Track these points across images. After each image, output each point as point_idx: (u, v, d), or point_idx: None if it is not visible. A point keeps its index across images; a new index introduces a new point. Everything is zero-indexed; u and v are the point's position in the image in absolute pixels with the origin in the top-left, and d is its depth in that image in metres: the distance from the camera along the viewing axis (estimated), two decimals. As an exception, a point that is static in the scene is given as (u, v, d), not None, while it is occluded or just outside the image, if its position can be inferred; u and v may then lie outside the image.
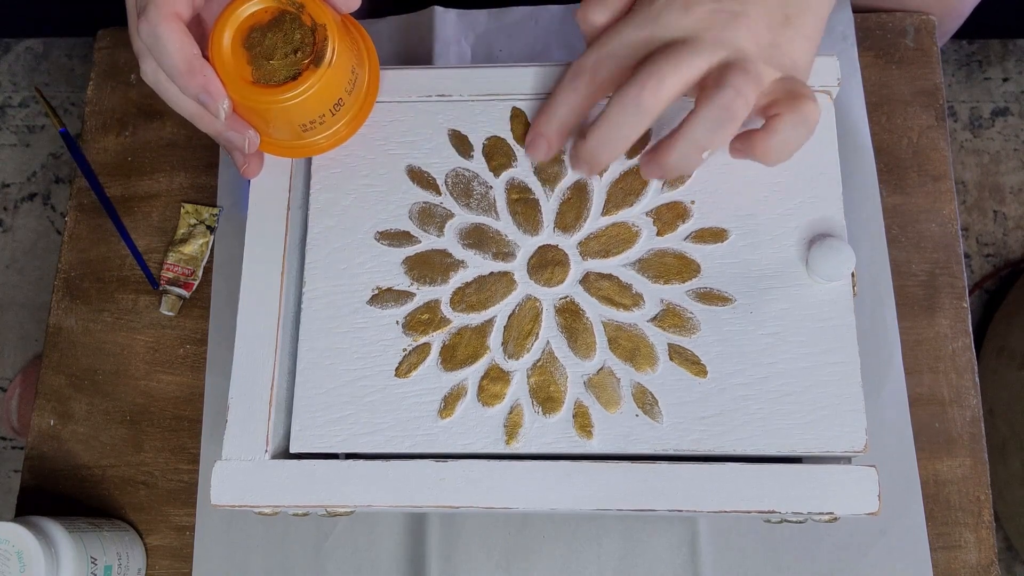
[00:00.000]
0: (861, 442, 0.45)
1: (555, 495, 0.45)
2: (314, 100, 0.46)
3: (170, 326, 0.61)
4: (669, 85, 0.44)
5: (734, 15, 0.46)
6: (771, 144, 0.46)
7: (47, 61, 1.42)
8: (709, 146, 0.45)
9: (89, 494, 0.59)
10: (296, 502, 0.46)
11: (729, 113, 0.43)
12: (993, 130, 1.32)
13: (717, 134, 0.44)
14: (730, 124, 0.44)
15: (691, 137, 0.45)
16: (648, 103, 0.44)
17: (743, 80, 0.44)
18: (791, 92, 0.45)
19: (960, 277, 0.59)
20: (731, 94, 0.43)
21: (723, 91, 0.43)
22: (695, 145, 0.45)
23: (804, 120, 0.45)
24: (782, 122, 0.45)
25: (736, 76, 0.44)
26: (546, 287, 0.49)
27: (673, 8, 0.46)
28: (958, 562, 0.54)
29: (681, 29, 0.46)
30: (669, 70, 0.44)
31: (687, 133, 0.45)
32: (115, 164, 0.65)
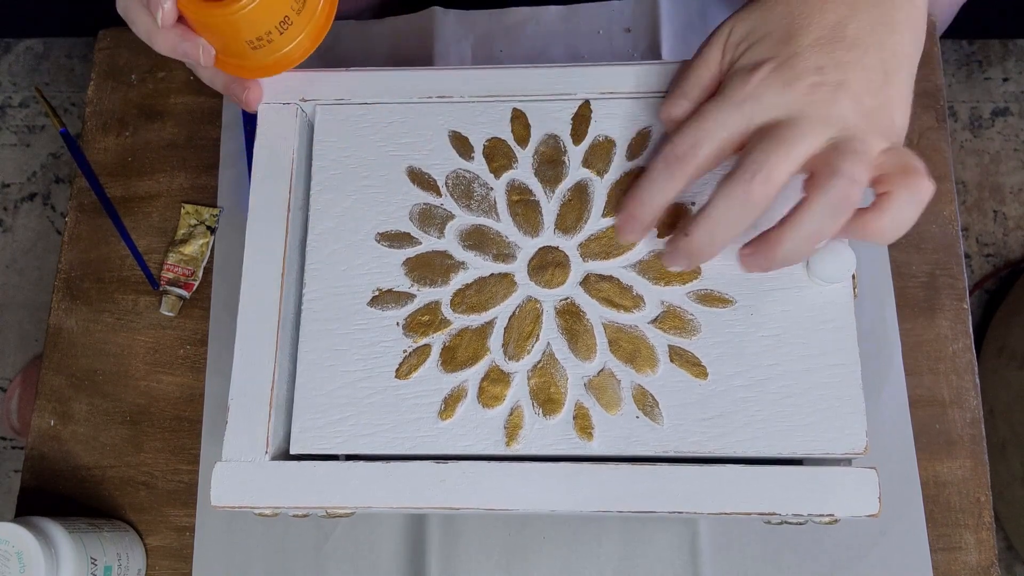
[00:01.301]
0: (861, 444, 0.45)
1: (555, 497, 0.45)
2: (257, 14, 0.47)
3: (170, 327, 0.61)
4: (778, 175, 0.42)
5: (836, 87, 0.43)
6: (884, 224, 0.43)
7: (47, 61, 1.42)
8: (824, 237, 0.42)
9: (89, 494, 0.59)
10: (296, 503, 0.46)
11: (846, 203, 0.41)
12: (993, 130, 1.32)
13: (832, 224, 0.42)
14: (845, 214, 0.42)
15: (805, 229, 0.42)
16: (758, 195, 0.42)
17: (855, 165, 0.41)
18: (903, 167, 0.43)
19: (960, 278, 0.59)
20: (846, 184, 0.41)
21: (837, 180, 0.41)
22: (809, 237, 0.42)
23: (918, 198, 0.42)
24: (895, 201, 0.42)
25: (848, 161, 0.41)
26: (547, 288, 0.49)
27: (773, 86, 0.44)
28: (958, 563, 0.54)
29: (783, 108, 0.43)
30: (777, 159, 0.42)
31: (801, 225, 0.42)
32: (115, 164, 0.65)
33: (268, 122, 0.52)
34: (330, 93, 0.52)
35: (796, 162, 0.42)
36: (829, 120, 0.43)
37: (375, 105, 0.52)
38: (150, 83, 0.67)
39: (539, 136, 0.51)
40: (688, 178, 0.45)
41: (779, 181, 0.42)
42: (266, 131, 0.52)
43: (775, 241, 0.43)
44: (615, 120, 0.51)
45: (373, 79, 0.53)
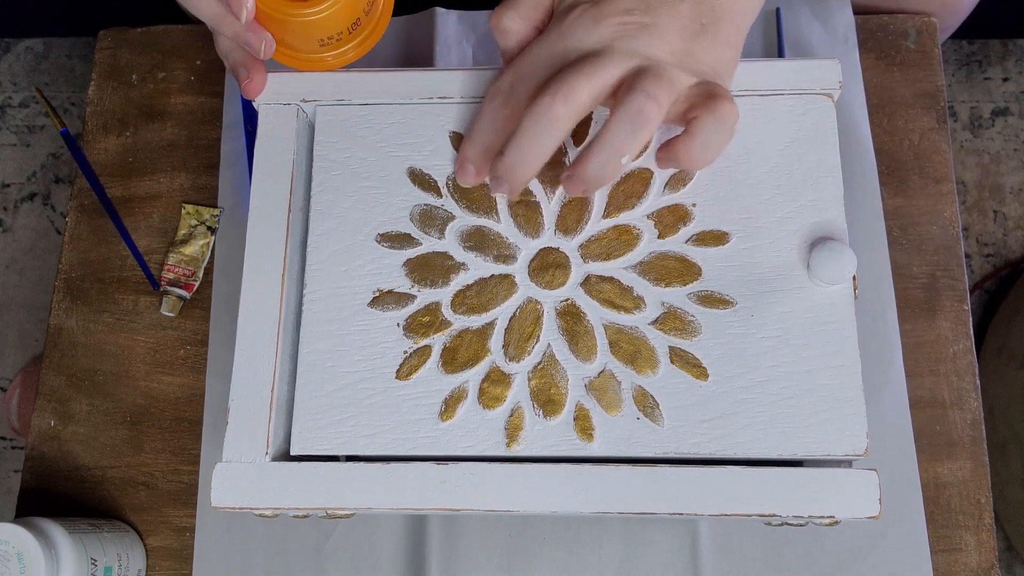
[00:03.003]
0: (862, 445, 0.45)
1: (556, 498, 0.45)
2: (338, 16, 0.49)
3: (171, 327, 0.61)
4: (580, 94, 0.44)
5: (644, 26, 0.46)
6: (692, 147, 0.45)
7: (47, 61, 1.42)
8: (627, 151, 0.44)
9: (89, 495, 0.59)
10: (296, 504, 0.46)
11: (642, 116, 0.43)
12: (993, 130, 1.32)
13: (633, 138, 0.44)
14: (644, 128, 0.44)
15: (607, 144, 0.44)
16: (560, 113, 0.44)
17: (653, 83, 0.43)
18: (707, 94, 0.45)
19: (961, 279, 0.59)
20: (642, 97, 0.43)
21: (634, 95, 0.43)
22: (612, 151, 0.44)
23: (722, 119, 0.45)
24: (700, 124, 0.45)
25: (646, 80, 0.44)
26: (547, 290, 0.49)
27: (583, 22, 0.46)
28: (958, 565, 0.54)
29: (591, 43, 0.46)
30: (578, 79, 0.44)
31: (603, 140, 0.44)
32: (116, 164, 0.65)
33: (269, 123, 0.52)
34: (331, 94, 0.52)
35: (597, 85, 0.44)
36: (633, 51, 0.45)
37: (376, 106, 0.52)
38: (151, 83, 0.67)
39: (540, 137, 0.51)
40: (510, 113, 0.47)
41: (581, 102, 0.44)
42: (267, 132, 0.52)
43: (582, 160, 0.45)
44: (616, 121, 0.51)
45: (374, 80, 0.53)
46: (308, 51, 0.52)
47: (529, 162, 0.45)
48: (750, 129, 0.50)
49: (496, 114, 0.48)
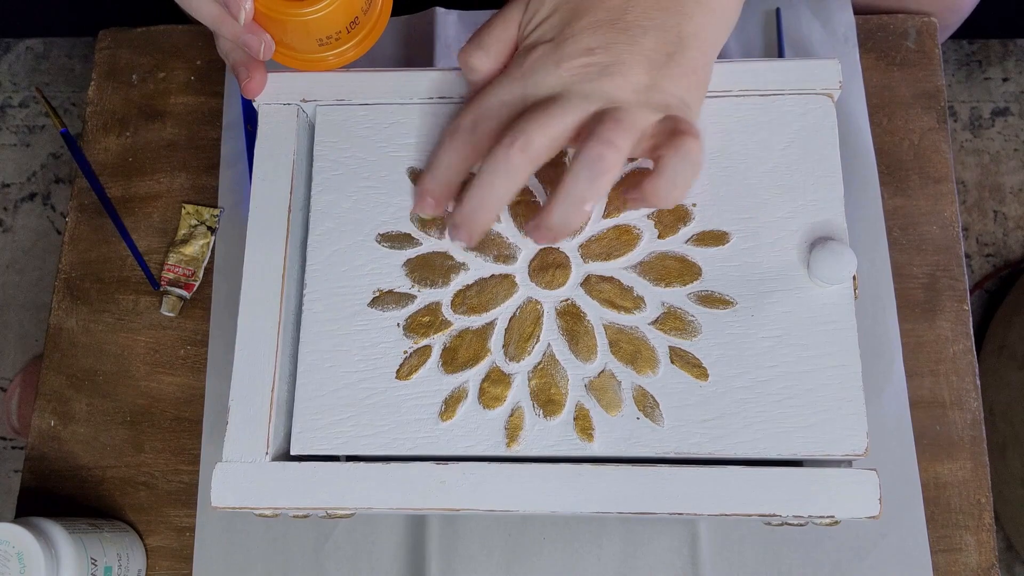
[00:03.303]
0: (862, 445, 0.45)
1: (556, 498, 0.45)
2: (335, 15, 0.49)
3: (171, 327, 0.61)
4: (537, 143, 0.44)
5: (604, 67, 0.45)
6: (659, 186, 0.45)
7: (47, 61, 1.42)
8: (589, 199, 0.44)
9: (89, 495, 0.59)
10: (296, 504, 0.46)
11: (601, 164, 0.43)
12: (993, 130, 1.32)
13: (593, 187, 0.44)
14: (604, 176, 0.43)
15: (567, 194, 0.44)
16: (517, 163, 0.44)
17: (612, 129, 0.43)
18: (672, 131, 0.45)
19: (961, 279, 0.59)
20: (600, 146, 0.43)
21: (591, 143, 0.43)
22: (574, 201, 0.44)
23: (685, 157, 0.44)
24: (665, 163, 0.44)
25: (605, 126, 0.43)
26: (547, 290, 0.49)
27: (543, 64, 0.46)
28: (958, 565, 0.54)
29: (551, 86, 0.46)
30: (536, 127, 0.44)
31: (563, 191, 0.44)
32: (116, 164, 0.65)
33: (269, 123, 0.52)
34: (331, 94, 0.52)
35: (555, 132, 0.44)
36: (593, 94, 0.45)
37: (376, 106, 0.52)
38: (151, 83, 0.67)
39: (540, 137, 0.51)
40: (469, 152, 0.47)
41: (538, 151, 0.44)
42: (267, 132, 0.52)
43: (546, 211, 0.45)
44: (616, 121, 0.51)
45: (374, 80, 0.53)
46: (307, 51, 0.52)
47: (487, 209, 0.46)
48: (750, 129, 0.50)
49: (456, 152, 0.47)
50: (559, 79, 0.46)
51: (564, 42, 0.46)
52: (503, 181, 0.45)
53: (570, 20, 0.47)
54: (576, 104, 0.45)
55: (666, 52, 0.46)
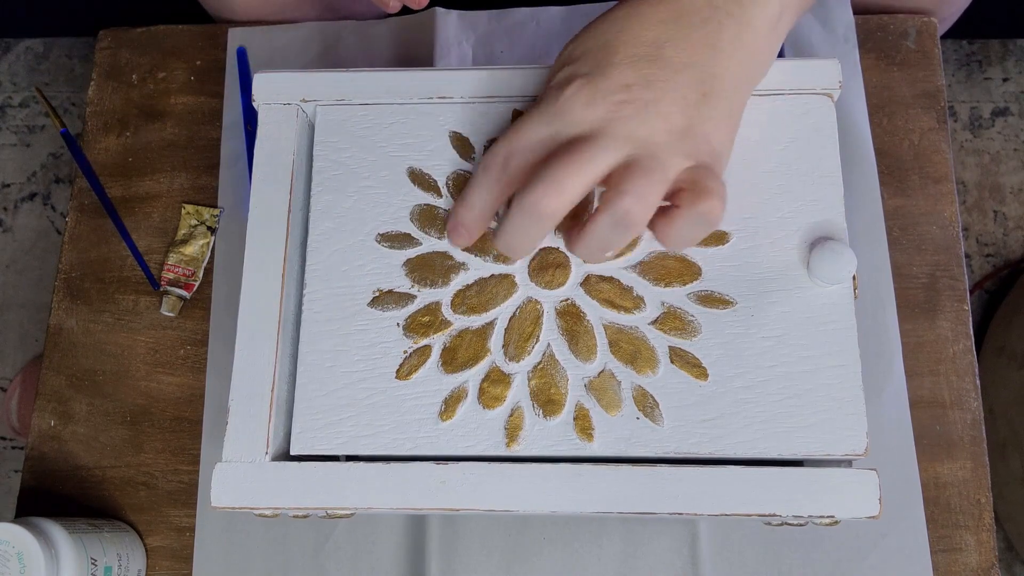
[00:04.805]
0: (862, 445, 0.45)
1: (556, 498, 0.45)
2: None
3: (171, 327, 0.61)
4: (569, 189, 0.42)
5: (642, 105, 0.44)
6: (668, 233, 0.44)
7: (47, 61, 1.42)
8: (611, 248, 0.44)
9: (89, 495, 0.59)
10: (296, 504, 0.46)
11: (627, 220, 0.42)
12: (993, 130, 1.32)
13: (618, 238, 0.43)
14: (629, 230, 0.43)
15: (593, 241, 0.44)
16: (548, 209, 0.43)
17: (644, 184, 0.42)
18: (695, 185, 0.43)
19: (961, 279, 0.59)
20: (629, 202, 0.42)
21: (622, 198, 0.42)
22: (597, 247, 0.44)
23: (703, 217, 0.43)
24: (678, 216, 0.44)
25: (637, 180, 0.42)
26: (547, 289, 0.49)
27: (578, 101, 0.44)
28: (958, 565, 0.54)
29: (585, 124, 0.44)
30: (568, 174, 0.42)
31: (589, 236, 0.44)
32: (116, 164, 0.65)
33: (268, 122, 0.52)
34: (331, 94, 0.52)
35: (588, 178, 0.43)
36: (630, 137, 0.43)
37: (376, 106, 0.52)
38: (151, 83, 0.67)
39: (540, 137, 0.51)
40: (503, 188, 0.46)
41: (570, 196, 0.43)
42: (266, 131, 0.52)
43: (572, 243, 0.45)
44: (616, 121, 0.51)
45: (374, 80, 0.53)
46: None
47: (518, 250, 0.46)
48: (750, 129, 0.50)
49: (489, 188, 0.46)
50: (595, 116, 0.44)
51: (600, 77, 0.44)
52: (534, 226, 0.43)
53: (606, 55, 0.45)
54: (611, 147, 0.43)
55: (702, 92, 0.45)
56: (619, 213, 0.42)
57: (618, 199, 0.42)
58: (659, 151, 0.43)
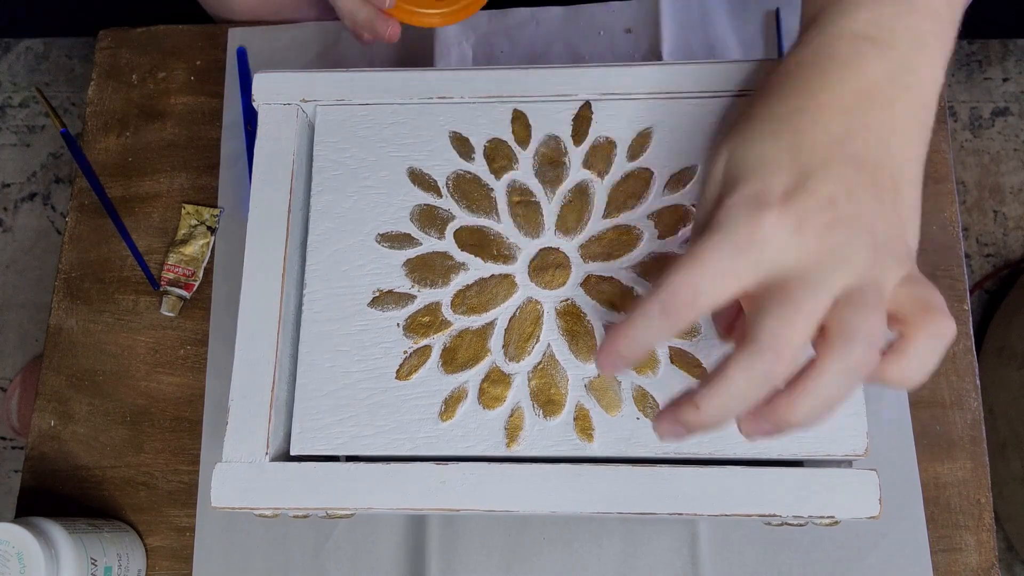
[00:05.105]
0: (862, 445, 0.45)
1: (556, 498, 0.45)
2: None
3: (171, 327, 0.61)
4: (795, 344, 0.36)
5: (851, 224, 0.37)
6: (906, 372, 0.37)
7: (47, 61, 1.42)
8: (842, 400, 0.37)
9: (89, 495, 0.59)
10: (296, 504, 0.46)
11: (864, 368, 0.36)
12: (993, 130, 1.32)
13: (850, 388, 0.37)
14: (860, 379, 0.37)
15: (822, 396, 0.36)
16: (780, 372, 0.36)
17: (873, 323, 0.36)
18: (922, 304, 0.38)
19: (961, 279, 0.59)
20: (863, 349, 0.36)
21: (854, 345, 0.36)
22: (826, 403, 0.37)
23: (941, 341, 0.38)
24: (916, 345, 0.37)
25: (865, 320, 0.36)
26: (547, 290, 0.49)
27: (781, 230, 0.37)
28: (958, 565, 0.54)
29: (795, 257, 0.37)
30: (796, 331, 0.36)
31: (817, 391, 0.36)
32: (116, 164, 0.65)
33: (268, 123, 0.52)
34: (331, 94, 0.52)
35: (813, 325, 0.37)
36: (845, 267, 0.37)
37: (376, 106, 0.52)
38: (151, 83, 0.67)
39: (540, 137, 0.51)
40: (687, 325, 0.39)
41: (798, 351, 0.36)
42: (266, 132, 0.52)
43: (787, 409, 0.37)
44: (616, 121, 0.51)
45: (374, 80, 0.53)
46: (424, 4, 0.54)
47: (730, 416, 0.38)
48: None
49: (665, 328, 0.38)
50: (804, 248, 0.37)
51: (801, 195, 0.37)
52: (759, 389, 0.37)
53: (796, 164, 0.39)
54: (829, 283, 0.37)
55: (893, 187, 0.39)
56: (851, 363, 0.36)
57: (849, 347, 0.36)
58: (874, 275, 0.37)
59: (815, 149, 0.39)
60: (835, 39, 0.42)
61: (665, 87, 0.51)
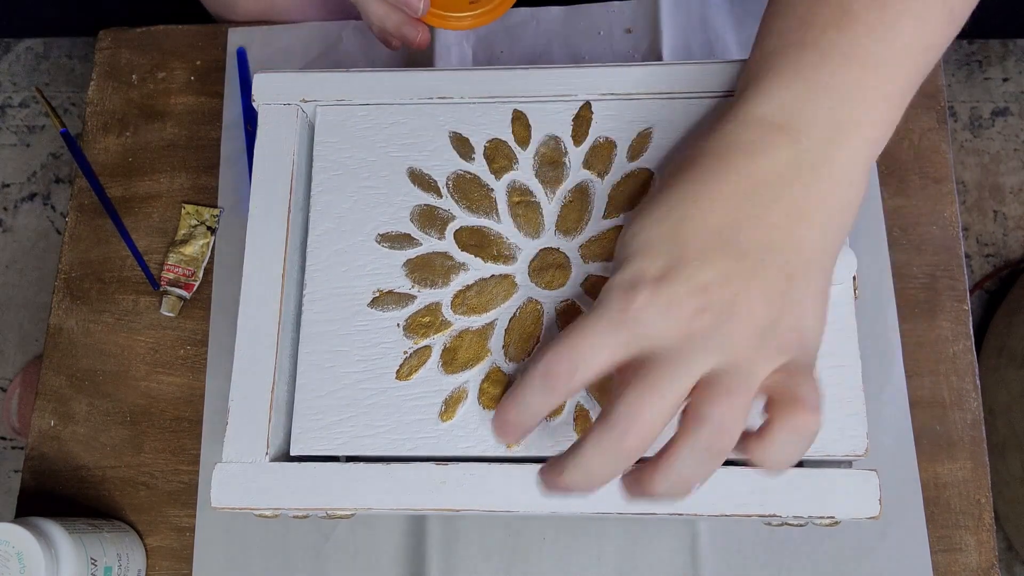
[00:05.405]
0: (862, 446, 0.45)
1: (556, 498, 0.45)
2: None
3: (171, 327, 0.61)
4: (653, 423, 0.37)
5: (723, 310, 0.38)
6: (768, 454, 0.38)
7: (47, 61, 1.42)
8: (696, 482, 0.38)
9: (89, 495, 0.59)
10: (296, 504, 0.46)
11: (714, 451, 0.37)
12: (993, 130, 1.32)
13: (704, 469, 0.38)
14: (716, 460, 0.38)
15: (676, 474, 0.38)
16: (631, 447, 0.37)
17: (726, 409, 0.37)
18: (790, 396, 0.38)
19: (961, 279, 0.59)
20: (712, 432, 0.37)
21: (704, 427, 0.37)
22: (683, 481, 0.38)
23: (799, 435, 0.38)
24: (774, 434, 0.38)
25: (720, 405, 0.37)
26: (547, 290, 0.49)
27: (651, 312, 0.38)
28: (958, 565, 0.54)
29: (662, 336, 0.38)
30: (652, 408, 0.37)
31: (671, 469, 0.38)
32: (116, 164, 0.65)
33: (268, 123, 0.52)
34: (331, 94, 0.52)
35: (673, 405, 0.38)
36: (713, 349, 0.38)
37: (376, 106, 0.52)
38: (151, 83, 0.67)
39: (540, 137, 0.51)
40: (565, 395, 0.40)
41: (656, 430, 0.38)
42: (266, 132, 0.52)
43: (648, 482, 0.38)
44: (616, 121, 0.51)
45: (374, 80, 0.53)
46: (456, 7, 0.54)
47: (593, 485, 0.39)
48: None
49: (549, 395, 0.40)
50: (671, 331, 0.38)
51: (672, 281, 0.39)
52: (613, 464, 0.38)
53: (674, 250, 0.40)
54: (693, 364, 0.38)
55: (787, 276, 0.39)
56: (700, 446, 0.37)
57: (697, 428, 0.37)
58: (743, 360, 0.38)
59: (695, 236, 0.39)
60: (742, 126, 0.42)
61: (665, 87, 0.51)
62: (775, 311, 0.39)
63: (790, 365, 0.39)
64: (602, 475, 0.38)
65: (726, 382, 0.38)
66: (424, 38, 0.54)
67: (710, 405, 0.37)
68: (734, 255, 0.39)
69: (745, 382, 0.38)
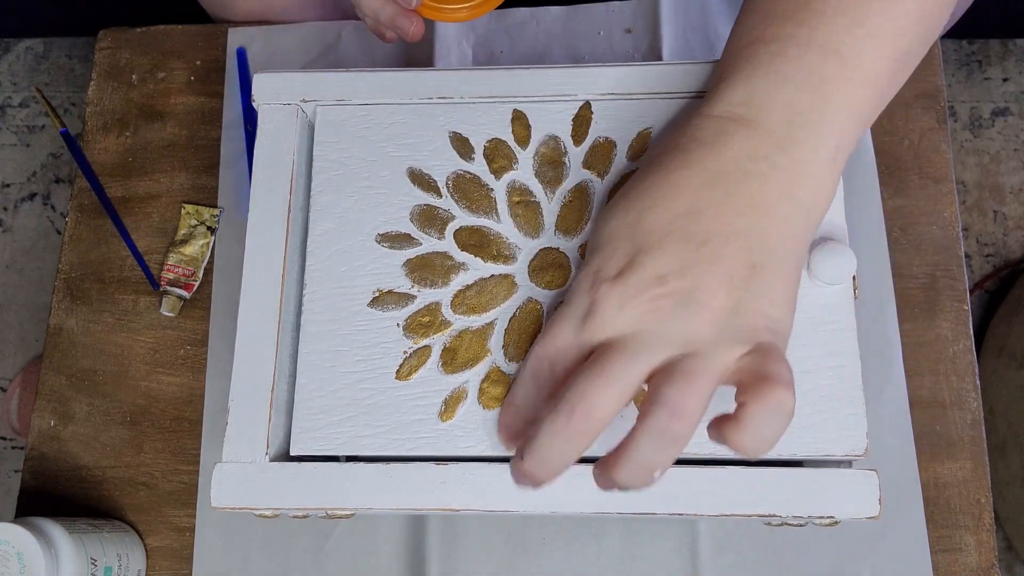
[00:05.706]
0: (862, 446, 0.45)
1: (556, 498, 0.45)
2: None
3: (171, 327, 0.61)
4: (602, 408, 0.38)
5: (680, 298, 0.38)
6: (743, 438, 0.37)
7: (47, 61, 1.42)
8: (657, 467, 0.38)
9: (89, 495, 0.59)
10: (296, 504, 0.46)
11: (669, 435, 0.37)
12: (993, 130, 1.32)
13: (664, 454, 0.37)
14: (672, 446, 0.37)
15: (636, 461, 0.37)
16: (579, 429, 0.38)
17: (681, 393, 0.37)
18: (763, 376, 0.37)
19: (961, 279, 0.59)
20: (666, 417, 0.37)
21: (658, 412, 0.37)
22: (641, 467, 0.38)
23: (775, 412, 0.37)
24: (749, 414, 0.37)
25: (674, 388, 0.37)
26: (547, 290, 0.49)
27: (608, 304, 0.39)
28: (958, 565, 0.54)
29: (619, 326, 0.39)
30: (599, 392, 0.38)
31: (630, 457, 0.38)
32: (116, 164, 0.65)
33: (268, 123, 0.52)
34: (331, 94, 0.52)
35: (624, 392, 0.38)
36: (669, 337, 0.38)
37: (376, 106, 0.52)
38: (150, 83, 0.67)
39: (540, 137, 0.51)
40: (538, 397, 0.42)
41: (604, 413, 0.38)
42: (266, 132, 0.52)
43: (611, 469, 0.38)
44: (616, 121, 0.51)
45: (374, 80, 0.53)
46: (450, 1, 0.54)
47: (550, 471, 0.40)
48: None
49: (531, 392, 0.43)
50: (627, 320, 0.39)
51: (629, 272, 0.39)
52: (565, 447, 0.38)
53: (634, 240, 0.40)
54: (644, 354, 0.38)
55: (750, 263, 0.39)
56: (656, 430, 0.37)
57: (655, 412, 0.37)
58: (703, 347, 0.38)
59: (654, 226, 0.40)
60: (706, 120, 0.42)
61: (665, 87, 0.51)
62: (736, 297, 0.39)
63: (759, 349, 0.39)
64: (554, 460, 0.39)
65: (684, 366, 0.38)
66: (418, 30, 0.55)
67: (666, 387, 0.37)
68: (695, 243, 0.39)
69: (704, 366, 0.38)
